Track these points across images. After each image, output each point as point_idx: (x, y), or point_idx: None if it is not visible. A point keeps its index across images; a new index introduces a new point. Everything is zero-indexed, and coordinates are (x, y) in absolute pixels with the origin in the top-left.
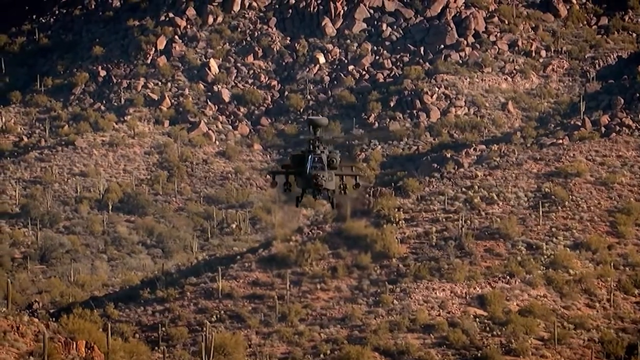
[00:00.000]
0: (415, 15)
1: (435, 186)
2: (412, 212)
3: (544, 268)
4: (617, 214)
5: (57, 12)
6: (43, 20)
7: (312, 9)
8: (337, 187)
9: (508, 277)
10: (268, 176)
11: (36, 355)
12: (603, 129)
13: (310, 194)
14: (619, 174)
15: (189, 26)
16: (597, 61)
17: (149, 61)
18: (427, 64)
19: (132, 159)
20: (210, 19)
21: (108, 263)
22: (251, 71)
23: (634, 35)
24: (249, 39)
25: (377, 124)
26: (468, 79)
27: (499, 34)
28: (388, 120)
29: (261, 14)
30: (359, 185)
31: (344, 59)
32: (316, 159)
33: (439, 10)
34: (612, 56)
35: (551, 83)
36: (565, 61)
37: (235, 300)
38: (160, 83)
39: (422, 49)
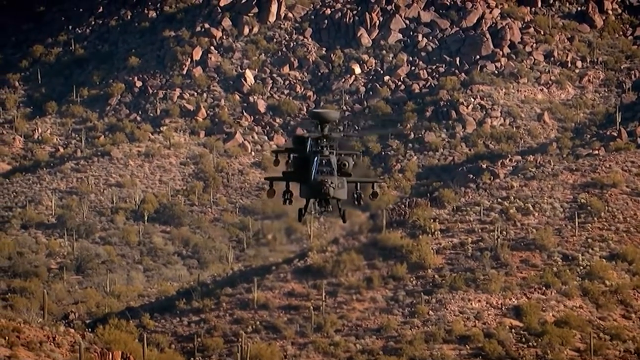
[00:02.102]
0: (451, 26)
1: (471, 197)
2: (447, 222)
3: (580, 279)
4: None
5: (93, 22)
6: (79, 31)
7: (347, 19)
8: (351, 196)
9: (544, 288)
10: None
11: None
12: (639, 140)
13: (317, 204)
14: None
15: (224, 37)
16: (633, 72)
17: (184, 72)
18: (462, 74)
19: (167, 169)
20: (246, 30)
21: (144, 273)
22: (287, 82)
23: None
24: (284, 49)
25: (412, 135)
26: (504, 90)
27: (534, 45)
28: (424, 131)
29: (297, 25)
30: (377, 195)
31: (379, 69)
32: (324, 161)
33: (475, 21)
34: None
35: (587, 94)
36: (601, 72)
37: (270, 310)
38: (196, 94)
39: (457, 59)
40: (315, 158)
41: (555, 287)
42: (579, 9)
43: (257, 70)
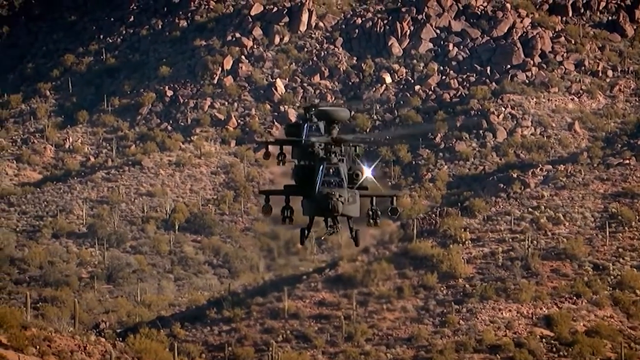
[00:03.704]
0: (482, 35)
1: (501, 206)
2: (478, 232)
3: (611, 288)
4: None
5: (124, 32)
6: (110, 40)
7: (378, 28)
8: (366, 213)
9: (574, 298)
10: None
11: None
12: None
13: (324, 223)
14: None
15: (255, 46)
16: None
17: (215, 81)
18: (493, 83)
19: (198, 179)
20: (277, 39)
21: (174, 283)
22: (317, 91)
23: None
24: (315, 58)
25: (443, 144)
26: (534, 99)
27: (565, 54)
28: (454, 140)
29: (327, 34)
30: (397, 211)
31: (410, 78)
32: (331, 171)
33: (506, 30)
34: None
35: (618, 103)
36: (632, 81)
37: (301, 320)
38: (226, 103)
39: (488, 68)
40: (321, 167)
41: (586, 297)
42: (610, 18)
43: (287, 79)
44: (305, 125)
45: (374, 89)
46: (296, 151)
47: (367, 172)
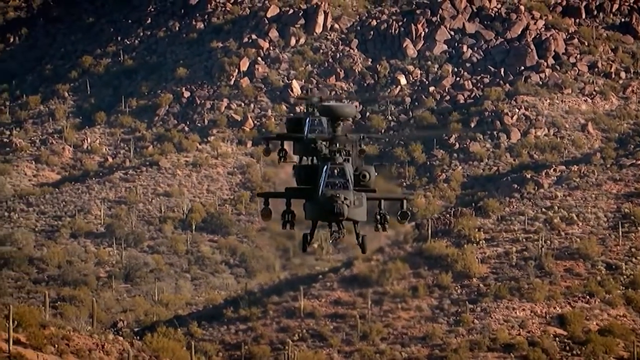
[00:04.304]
0: (496, 37)
1: (515, 206)
2: (492, 232)
3: (624, 288)
4: None
5: (141, 34)
6: (128, 42)
7: (393, 30)
8: (374, 217)
9: (588, 297)
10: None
11: None
12: None
13: (328, 227)
14: None
15: (271, 48)
16: None
17: (232, 82)
18: (507, 85)
19: (215, 179)
20: (293, 41)
21: (191, 282)
22: (333, 92)
23: None
24: (330, 60)
25: (457, 145)
26: (548, 100)
27: (578, 56)
28: (469, 141)
29: (343, 36)
30: (407, 215)
31: (424, 80)
32: (335, 171)
33: (519, 32)
34: None
35: (631, 104)
36: None
37: (317, 319)
38: (243, 104)
39: (502, 70)
40: (325, 167)
41: (599, 296)
42: (623, 20)
43: (303, 80)
44: (307, 119)
45: (389, 90)
46: (298, 147)
47: (374, 173)
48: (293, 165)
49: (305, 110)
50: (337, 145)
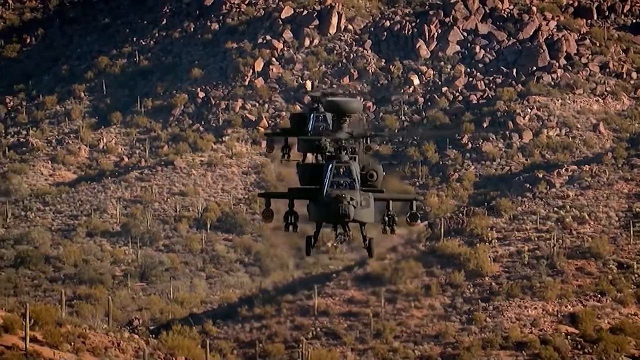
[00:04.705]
0: (508, 38)
1: (527, 206)
2: (505, 231)
3: (635, 287)
4: None
5: (157, 35)
6: (144, 43)
7: (406, 31)
8: (381, 219)
9: (599, 296)
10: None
11: None
12: None
13: (334, 230)
14: None
15: (286, 49)
16: None
17: (246, 83)
18: (519, 85)
19: (230, 179)
20: (307, 42)
21: (207, 281)
22: (347, 92)
23: None
24: (344, 61)
25: (470, 145)
26: (560, 101)
27: (590, 57)
28: (481, 141)
29: (357, 37)
30: (417, 217)
31: (438, 80)
32: (341, 170)
33: (532, 33)
34: None
35: None
36: None
37: (331, 317)
38: (257, 104)
39: (514, 71)
40: (330, 165)
41: (610, 295)
42: (635, 21)
43: (317, 81)
44: (312, 115)
45: (403, 90)
46: (302, 144)
47: (382, 172)
48: (297, 163)
49: (311, 105)
50: (344, 142)
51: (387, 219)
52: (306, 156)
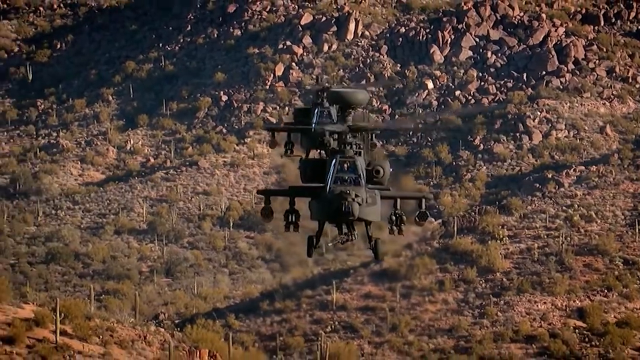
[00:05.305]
0: (519, 44)
1: (537, 205)
2: (515, 229)
3: None
4: None
5: (182, 40)
6: (169, 48)
7: (421, 37)
8: (387, 218)
9: (606, 291)
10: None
11: None
12: None
13: (337, 229)
14: None
15: (305, 54)
16: None
17: (267, 86)
18: (529, 89)
19: (251, 178)
20: (325, 47)
21: (229, 277)
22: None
23: None
24: (361, 65)
25: (482, 146)
26: (568, 104)
27: (597, 61)
28: (493, 142)
29: (373, 42)
30: (426, 216)
31: (451, 84)
32: (345, 165)
33: (541, 39)
34: None
35: None
36: None
37: (348, 311)
38: (278, 107)
39: (524, 75)
40: (334, 160)
41: (616, 290)
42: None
43: (335, 85)
44: (316, 109)
45: (417, 94)
46: (305, 140)
47: (389, 168)
48: (300, 159)
49: (315, 99)
50: (348, 136)
51: (394, 217)
52: (309, 152)
